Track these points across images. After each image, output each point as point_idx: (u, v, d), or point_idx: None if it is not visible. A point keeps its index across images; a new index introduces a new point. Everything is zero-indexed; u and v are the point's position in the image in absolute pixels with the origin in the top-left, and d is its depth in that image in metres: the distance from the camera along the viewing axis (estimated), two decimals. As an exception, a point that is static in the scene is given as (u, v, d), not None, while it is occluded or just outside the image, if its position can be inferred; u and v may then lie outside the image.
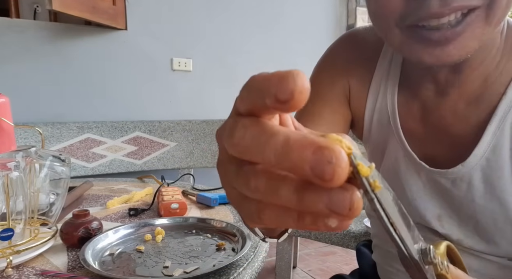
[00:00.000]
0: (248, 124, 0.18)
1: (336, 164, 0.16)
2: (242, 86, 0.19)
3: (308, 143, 0.16)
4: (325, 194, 0.17)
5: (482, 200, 0.49)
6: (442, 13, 0.37)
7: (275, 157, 0.17)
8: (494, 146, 0.47)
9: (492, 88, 0.47)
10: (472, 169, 0.48)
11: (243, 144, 0.18)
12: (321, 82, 0.60)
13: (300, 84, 0.16)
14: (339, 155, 0.16)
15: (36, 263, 0.61)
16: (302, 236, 1.61)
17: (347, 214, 0.17)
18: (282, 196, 0.17)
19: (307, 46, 2.61)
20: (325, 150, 0.16)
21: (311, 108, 0.58)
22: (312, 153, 0.16)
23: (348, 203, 0.16)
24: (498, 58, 0.47)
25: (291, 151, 0.16)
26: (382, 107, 0.56)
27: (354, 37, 0.60)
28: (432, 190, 0.53)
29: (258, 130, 0.18)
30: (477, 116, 0.49)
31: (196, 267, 0.58)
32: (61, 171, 0.77)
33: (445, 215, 0.53)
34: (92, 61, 2.01)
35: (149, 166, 2.02)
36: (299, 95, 0.16)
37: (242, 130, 0.18)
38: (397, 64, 0.55)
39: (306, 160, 0.16)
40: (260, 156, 0.17)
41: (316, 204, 0.17)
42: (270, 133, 0.17)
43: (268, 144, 0.17)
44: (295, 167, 0.16)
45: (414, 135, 0.54)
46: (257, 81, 0.18)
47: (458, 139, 0.50)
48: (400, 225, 0.19)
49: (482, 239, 0.50)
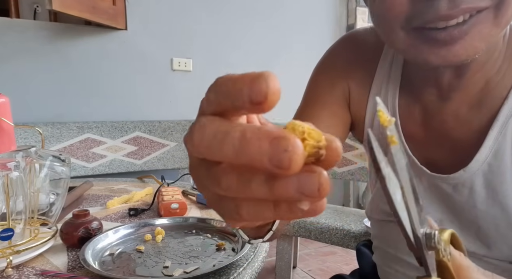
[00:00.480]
0: (205, 123, 0.18)
1: (292, 151, 0.16)
2: (208, 88, 0.19)
3: (264, 134, 0.16)
4: (294, 179, 0.17)
5: (484, 206, 0.48)
6: (451, 15, 0.36)
7: (233, 152, 0.17)
8: (496, 150, 0.46)
9: (494, 92, 0.47)
10: (474, 174, 0.48)
11: (203, 144, 0.18)
12: (320, 84, 0.59)
13: (273, 86, 0.17)
14: (294, 143, 0.16)
15: (36, 263, 0.61)
16: (302, 236, 1.61)
17: (317, 195, 0.17)
18: (254, 188, 0.18)
19: (307, 46, 2.61)
20: (280, 140, 0.16)
21: (310, 110, 0.58)
22: (269, 144, 0.16)
23: (317, 184, 0.17)
24: (500, 62, 0.47)
25: (248, 144, 0.17)
26: None
27: (354, 38, 0.60)
28: (433, 195, 0.53)
29: (215, 128, 0.18)
30: (479, 120, 0.48)
31: (196, 267, 0.58)
32: (61, 171, 0.77)
33: (446, 220, 0.52)
34: (92, 61, 2.01)
35: (149, 166, 2.02)
36: (272, 97, 0.17)
37: (200, 130, 0.18)
38: (398, 67, 0.55)
39: (263, 151, 0.16)
40: (219, 153, 0.17)
41: (287, 190, 0.17)
42: (226, 130, 0.17)
43: (226, 140, 0.17)
44: (254, 160, 0.17)
45: (415, 139, 0.53)
46: (225, 83, 0.18)
47: (460, 144, 0.50)
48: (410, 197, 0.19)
49: (484, 244, 0.50)
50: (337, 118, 0.58)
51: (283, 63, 2.57)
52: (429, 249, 0.21)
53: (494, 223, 0.48)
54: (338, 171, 1.84)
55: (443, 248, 0.23)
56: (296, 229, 1.61)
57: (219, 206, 0.21)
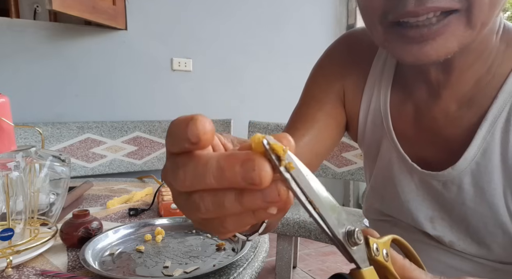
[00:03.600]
0: (183, 163, 0.21)
1: (258, 169, 0.19)
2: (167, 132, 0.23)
3: (234, 160, 0.20)
4: (258, 193, 0.20)
5: (472, 203, 0.49)
6: (417, 12, 0.37)
7: (215, 180, 0.20)
8: (484, 150, 0.46)
9: (484, 91, 0.47)
10: (462, 172, 0.48)
11: (188, 181, 0.21)
12: (316, 84, 0.60)
13: (201, 128, 0.20)
14: (259, 162, 0.19)
15: (36, 263, 0.61)
16: (302, 236, 1.61)
17: (279, 199, 0.20)
18: (228, 207, 0.21)
19: (307, 46, 2.61)
20: (247, 162, 0.19)
21: (306, 110, 0.58)
22: (240, 167, 0.19)
23: (276, 191, 0.20)
24: (490, 61, 0.47)
25: (224, 171, 0.20)
26: (376, 108, 0.56)
27: (351, 38, 0.60)
28: (424, 192, 0.53)
29: (193, 165, 0.21)
30: (469, 119, 0.48)
31: (196, 267, 0.58)
32: (61, 171, 0.77)
33: (437, 217, 0.53)
34: (92, 61, 2.01)
35: (149, 166, 2.02)
36: (204, 136, 0.20)
37: (182, 170, 0.21)
38: (391, 65, 0.55)
39: (237, 174, 0.20)
40: (203, 184, 0.21)
41: (255, 203, 0.20)
42: (203, 164, 0.21)
43: (206, 173, 0.20)
44: (232, 182, 0.20)
45: (407, 137, 0.54)
46: (173, 128, 0.21)
47: (450, 142, 0.50)
48: (320, 204, 0.22)
49: (474, 241, 0.50)
50: (331, 119, 0.58)
51: (283, 63, 2.57)
52: (352, 244, 0.23)
53: (482, 221, 0.49)
54: (338, 171, 1.84)
55: (376, 248, 0.25)
56: (296, 229, 1.61)
57: (205, 226, 0.24)
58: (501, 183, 0.46)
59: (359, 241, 0.24)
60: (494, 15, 0.39)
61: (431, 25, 0.38)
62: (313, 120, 0.57)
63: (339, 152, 1.83)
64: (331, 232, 0.23)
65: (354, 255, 0.24)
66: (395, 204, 0.56)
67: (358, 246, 0.24)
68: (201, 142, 0.20)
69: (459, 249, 0.52)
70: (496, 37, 0.46)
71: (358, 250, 0.24)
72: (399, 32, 0.40)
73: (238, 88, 2.45)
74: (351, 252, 0.24)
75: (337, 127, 0.59)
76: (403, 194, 0.55)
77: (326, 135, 0.57)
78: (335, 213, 0.23)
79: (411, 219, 0.55)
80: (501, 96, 0.46)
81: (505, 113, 0.45)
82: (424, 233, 0.55)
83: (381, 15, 0.41)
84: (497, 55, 0.47)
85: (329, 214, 0.22)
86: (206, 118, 0.21)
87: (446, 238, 0.52)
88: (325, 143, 0.57)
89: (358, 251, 0.24)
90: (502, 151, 0.46)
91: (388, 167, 0.56)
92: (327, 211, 0.22)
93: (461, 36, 0.39)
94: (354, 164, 1.81)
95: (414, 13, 0.38)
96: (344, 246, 0.23)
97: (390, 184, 0.56)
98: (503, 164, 0.46)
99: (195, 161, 0.21)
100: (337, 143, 0.61)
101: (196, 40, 2.28)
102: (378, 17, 0.42)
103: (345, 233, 0.23)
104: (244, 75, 2.47)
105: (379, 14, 0.41)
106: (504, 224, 0.47)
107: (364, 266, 0.24)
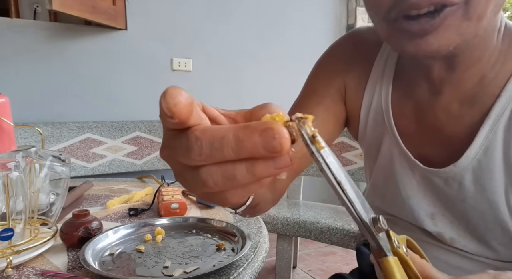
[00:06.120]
0: (199, 136, 0.21)
1: (279, 136, 0.20)
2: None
3: (253, 130, 0.20)
4: (270, 161, 0.21)
5: (473, 201, 0.49)
6: (419, 4, 0.39)
7: (233, 151, 0.20)
8: (486, 148, 0.47)
9: (487, 89, 0.47)
10: (463, 169, 0.48)
11: (205, 153, 0.21)
12: (318, 79, 0.61)
13: (171, 100, 0.20)
14: (280, 130, 0.20)
15: (36, 263, 0.61)
16: (302, 236, 1.61)
17: (291, 164, 0.21)
18: (239, 179, 0.21)
19: (307, 45, 2.61)
20: (267, 131, 0.20)
21: (306, 103, 0.59)
22: (259, 137, 0.20)
23: (288, 157, 0.21)
24: (493, 60, 0.47)
25: (244, 142, 0.20)
26: (378, 106, 0.56)
27: (355, 36, 0.61)
28: (425, 188, 0.53)
29: (210, 138, 0.21)
30: (471, 117, 0.49)
31: (196, 267, 0.58)
32: (61, 171, 0.77)
33: (438, 213, 0.53)
34: (92, 61, 2.01)
35: (149, 166, 2.02)
36: (175, 108, 0.20)
37: (197, 143, 0.21)
38: (392, 63, 0.56)
39: (257, 143, 0.20)
40: (221, 156, 0.21)
41: (267, 171, 0.21)
42: (220, 136, 0.21)
43: (225, 145, 0.20)
44: (252, 152, 0.20)
45: (408, 133, 0.54)
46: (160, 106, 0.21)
47: (451, 139, 0.50)
48: (348, 188, 0.22)
49: (474, 238, 0.51)
50: (330, 114, 0.59)
51: (283, 63, 2.57)
52: (378, 231, 0.24)
53: (482, 218, 0.49)
54: (338, 171, 1.83)
55: (397, 241, 0.25)
56: (296, 229, 1.61)
57: (211, 199, 0.24)
58: (503, 181, 0.47)
59: (385, 227, 0.24)
60: (490, 9, 0.40)
61: (431, 18, 0.39)
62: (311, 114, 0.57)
63: (339, 152, 1.83)
64: (359, 216, 0.23)
65: (381, 242, 0.24)
66: (396, 201, 0.57)
67: (382, 234, 0.24)
68: (174, 115, 0.20)
69: (460, 246, 0.52)
70: (497, 36, 0.46)
71: (382, 238, 0.24)
72: (401, 27, 0.41)
73: (238, 88, 2.45)
74: (377, 238, 0.24)
75: (336, 122, 0.60)
76: (404, 190, 0.55)
77: (323, 129, 0.57)
78: (360, 198, 0.23)
79: (411, 216, 0.55)
80: (505, 95, 0.46)
81: (508, 112, 0.46)
82: (424, 231, 0.55)
83: (385, 12, 0.42)
84: (500, 53, 0.47)
85: (356, 198, 0.22)
86: (178, 90, 0.20)
87: (446, 235, 0.53)
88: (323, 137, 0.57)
89: (382, 239, 0.24)
90: (504, 149, 0.46)
91: (390, 164, 0.56)
92: (353, 195, 0.22)
93: (460, 28, 0.40)
94: (354, 164, 1.81)
95: (416, 5, 0.39)
96: (372, 231, 0.23)
97: (391, 181, 0.56)
98: (505, 162, 0.46)
99: (210, 134, 0.21)
100: (335, 138, 0.62)
101: (196, 40, 2.28)
102: (383, 13, 0.43)
103: (370, 218, 0.23)
104: (244, 75, 2.47)
105: (384, 10, 0.42)
106: (504, 222, 0.47)
107: (390, 255, 0.24)
